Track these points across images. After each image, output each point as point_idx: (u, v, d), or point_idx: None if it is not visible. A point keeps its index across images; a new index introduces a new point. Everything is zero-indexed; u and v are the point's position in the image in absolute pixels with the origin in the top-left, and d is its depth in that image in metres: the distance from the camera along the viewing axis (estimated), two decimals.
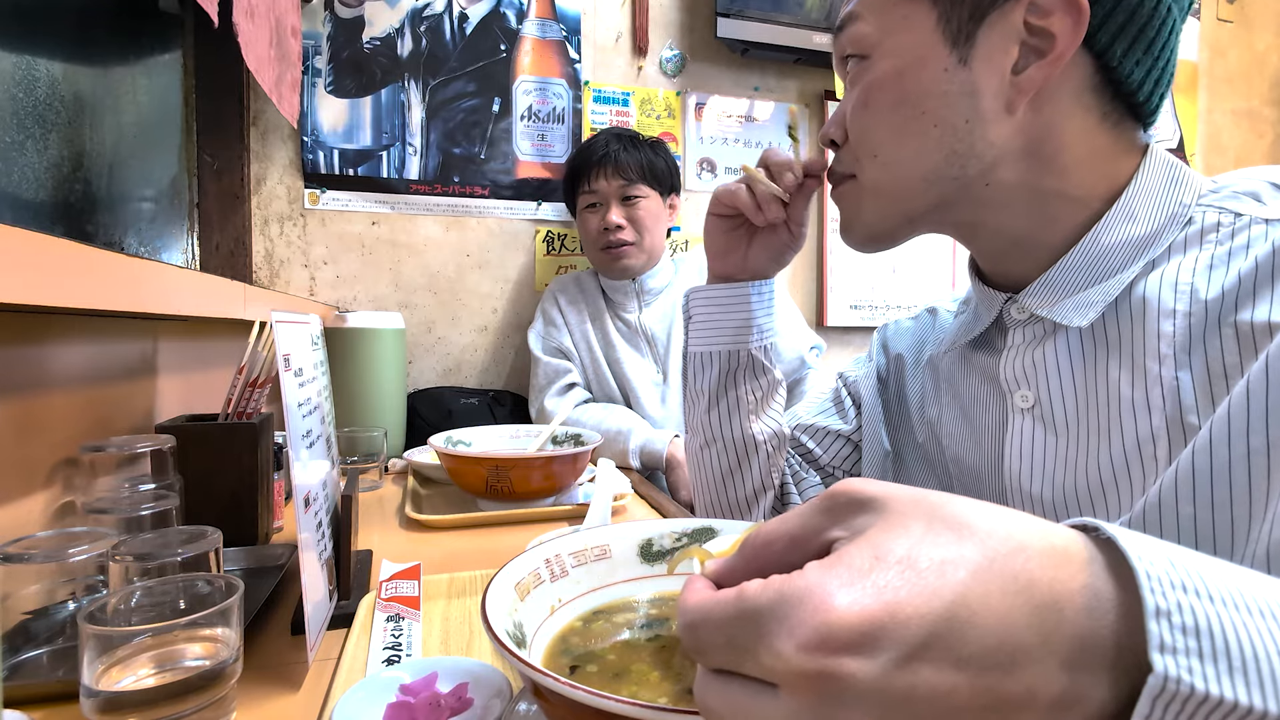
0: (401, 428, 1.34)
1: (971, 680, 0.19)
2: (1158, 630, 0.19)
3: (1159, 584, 0.19)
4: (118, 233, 1.08)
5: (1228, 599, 0.19)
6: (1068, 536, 0.21)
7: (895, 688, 0.19)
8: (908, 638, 0.19)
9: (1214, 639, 0.19)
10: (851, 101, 0.51)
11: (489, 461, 0.85)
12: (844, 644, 0.19)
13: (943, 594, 0.20)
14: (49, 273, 0.46)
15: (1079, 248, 0.47)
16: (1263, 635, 0.19)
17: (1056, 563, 0.20)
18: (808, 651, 0.20)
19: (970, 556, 0.20)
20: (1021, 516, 0.22)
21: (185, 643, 0.40)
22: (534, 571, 0.42)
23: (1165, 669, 0.18)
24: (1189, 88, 2.08)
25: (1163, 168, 0.48)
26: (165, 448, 0.65)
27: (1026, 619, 0.20)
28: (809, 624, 0.20)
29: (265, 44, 1.05)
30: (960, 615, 0.19)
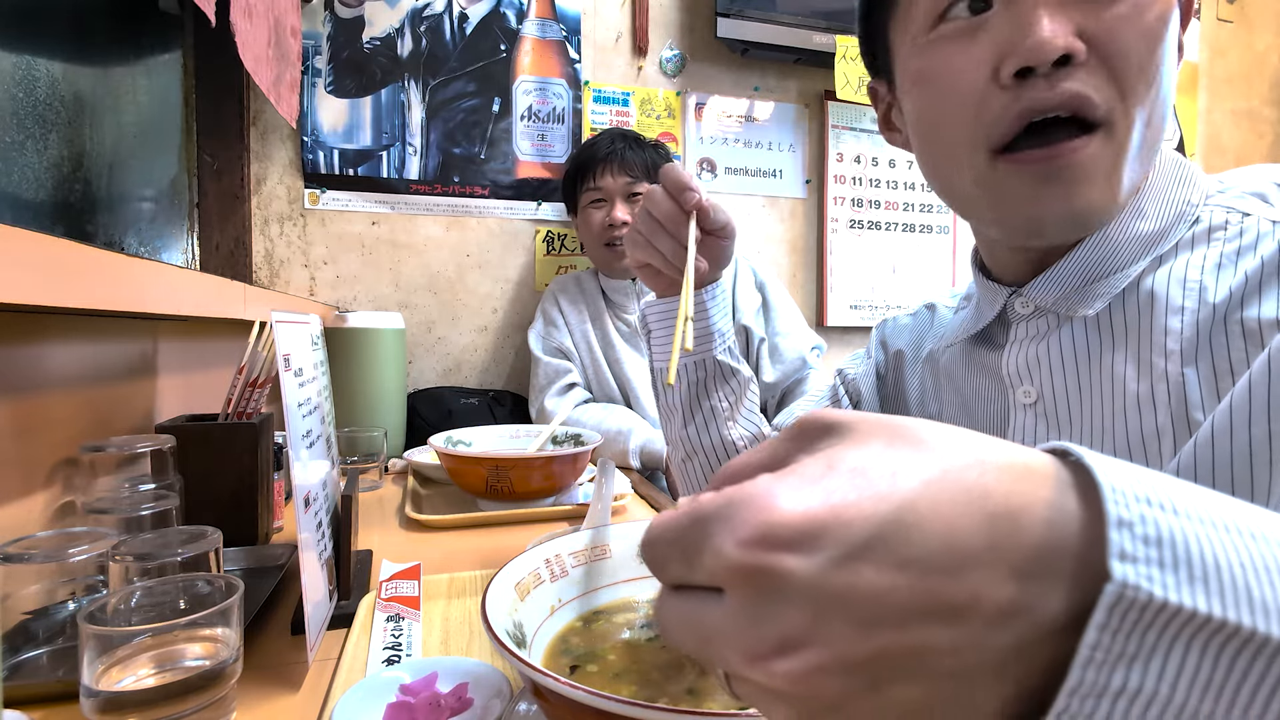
0: (401, 428, 1.34)
1: (912, 582, 0.19)
2: (1118, 539, 0.18)
3: (1123, 497, 0.19)
4: (118, 233, 1.08)
5: (1193, 514, 0.19)
6: (1036, 456, 0.21)
7: (833, 585, 0.19)
8: (849, 537, 0.19)
9: (1175, 548, 0.18)
10: (1133, 16, 0.40)
11: (489, 461, 0.85)
12: (784, 541, 0.19)
13: (891, 499, 0.19)
14: (49, 273, 0.46)
15: (1089, 243, 0.46)
16: (1226, 547, 0.18)
17: (1017, 477, 0.20)
18: (747, 548, 0.20)
19: (925, 467, 0.20)
20: (988, 439, 0.21)
21: (185, 643, 0.40)
22: (534, 571, 0.42)
23: (1124, 576, 0.18)
24: (1189, 88, 2.08)
25: (1171, 167, 0.48)
26: (165, 448, 0.65)
27: (977, 526, 0.19)
28: (751, 522, 0.20)
29: (263, 44, 1.05)
30: (907, 519, 0.19)
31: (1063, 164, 0.42)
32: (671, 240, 0.58)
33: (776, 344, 1.37)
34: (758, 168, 1.78)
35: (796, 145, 1.80)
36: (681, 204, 0.57)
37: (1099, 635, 0.18)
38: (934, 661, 0.19)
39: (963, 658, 0.19)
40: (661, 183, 0.58)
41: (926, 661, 0.19)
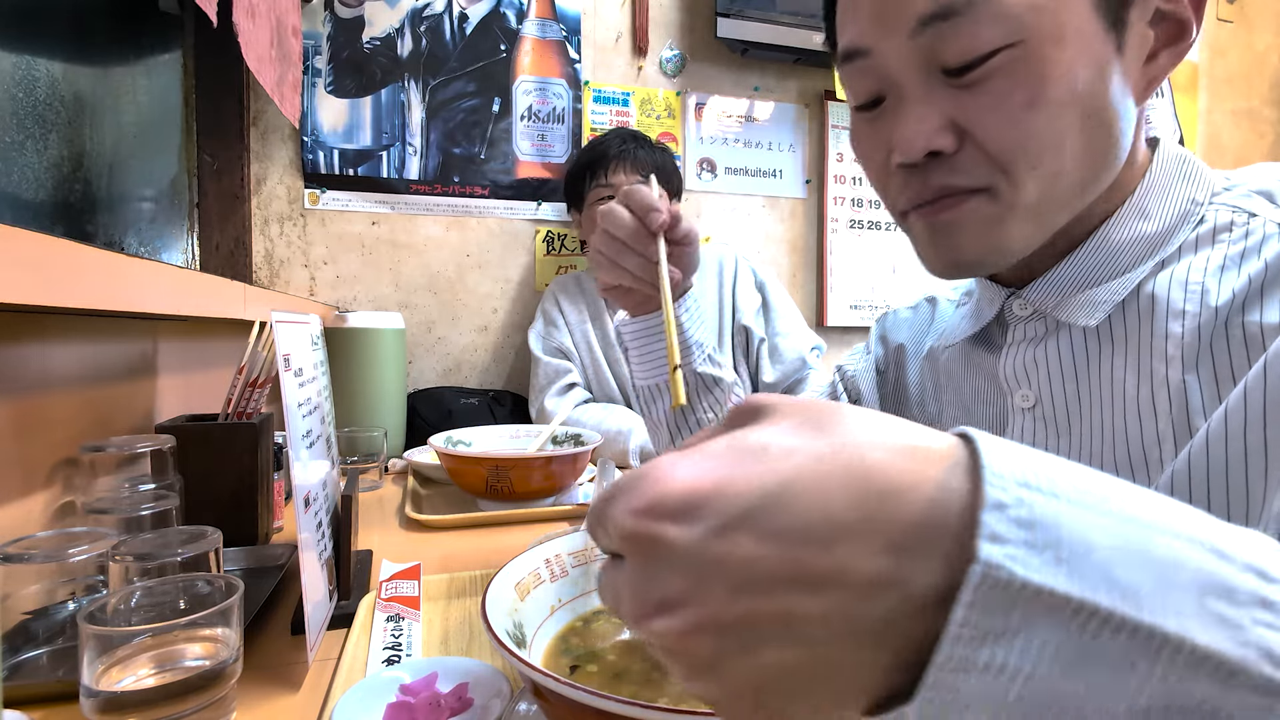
0: (401, 428, 1.34)
1: (783, 552, 0.20)
2: (990, 521, 0.19)
3: (1003, 480, 0.19)
4: (118, 233, 1.08)
5: (1076, 498, 0.19)
6: (938, 439, 0.21)
7: (709, 553, 0.20)
8: (728, 509, 0.20)
9: (1048, 531, 0.19)
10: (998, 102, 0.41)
11: (489, 461, 0.85)
12: (668, 511, 0.21)
13: (774, 474, 0.21)
14: (49, 273, 0.46)
15: (1089, 244, 0.45)
16: (1098, 530, 0.19)
17: (909, 456, 0.21)
18: (636, 516, 0.21)
19: (818, 447, 0.21)
20: (899, 422, 0.22)
21: (185, 643, 0.40)
22: (534, 571, 0.42)
23: (989, 556, 0.18)
24: (1189, 88, 2.08)
25: (1174, 163, 0.46)
26: (165, 448, 0.65)
27: (854, 502, 0.20)
28: (644, 494, 0.21)
29: (266, 44, 1.05)
30: (786, 494, 0.20)
31: (943, 220, 0.44)
32: (638, 257, 0.58)
33: (776, 344, 1.37)
34: (758, 168, 1.78)
35: (796, 145, 1.80)
36: (648, 224, 0.56)
37: (966, 613, 0.18)
38: (802, 628, 0.20)
39: (831, 626, 0.20)
40: (625, 204, 0.57)
41: (795, 628, 0.20)
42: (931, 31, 0.40)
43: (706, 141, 1.74)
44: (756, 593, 0.20)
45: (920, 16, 0.40)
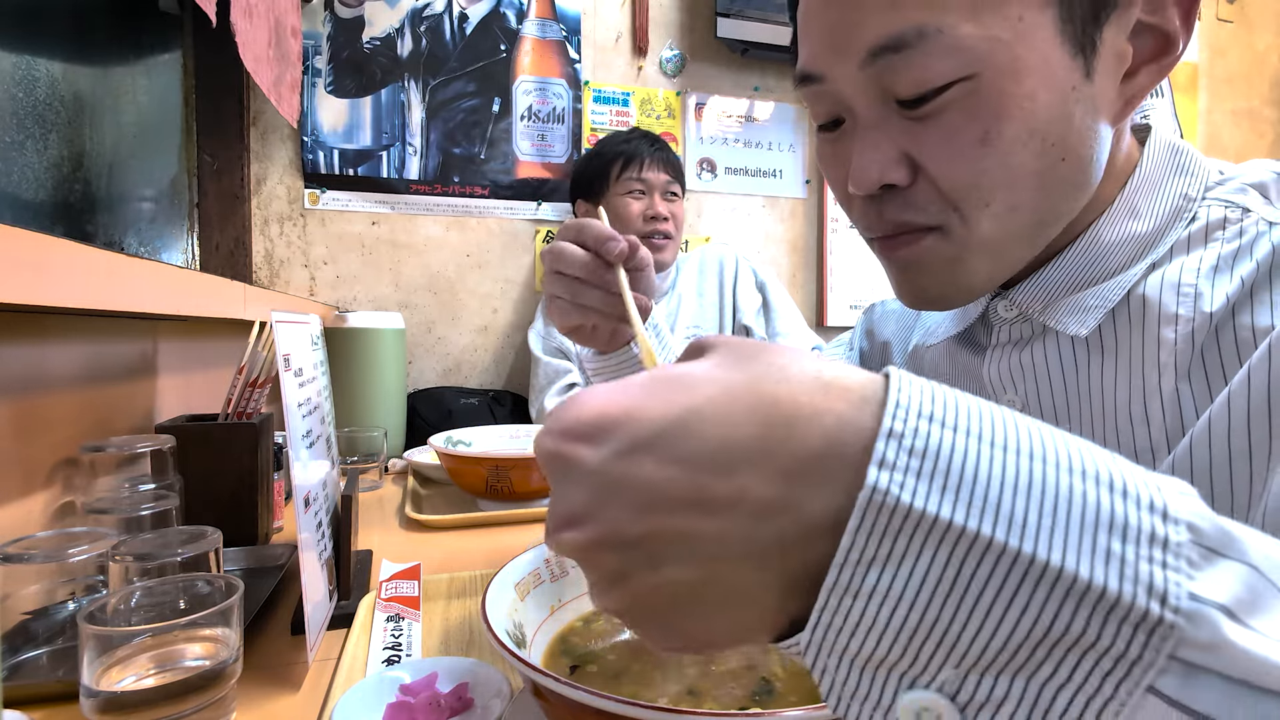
0: (401, 428, 1.34)
1: (685, 476, 0.21)
2: (883, 448, 0.19)
3: (905, 412, 0.20)
4: (118, 233, 1.08)
5: (974, 430, 0.20)
6: (855, 376, 0.22)
7: (612, 473, 0.22)
8: (635, 433, 0.22)
9: (938, 460, 0.19)
10: (949, 136, 0.38)
11: (489, 461, 0.85)
12: (578, 433, 0.23)
13: (683, 402, 0.22)
14: (49, 273, 0.46)
15: (1077, 245, 0.43)
16: (998, 465, 0.19)
17: (820, 391, 0.21)
18: (551, 436, 0.23)
19: (733, 378, 0.22)
20: (825, 361, 0.23)
21: (185, 643, 0.40)
22: (534, 571, 0.42)
23: (875, 481, 0.19)
24: (1189, 88, 2.08)
25: (1165, 153, 0.44)
26: (165, 448, 0.65)
27: (755, 431, 0.21)
28: (562, 418, 0.23)
29: (263, 44, 1.05)
30: (692, 421, 0.21)
31: (900, 256, 0.43)
32: (597, 291, 0.54)
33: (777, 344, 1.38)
34: (757, 168, 1.78)
35: (796, 145, 1.80)
36: (604, 255, 0.53)
37: (853, 537, 0.19)
38: (701, 547, 0.21)
39: (727, 546, 0.21)
40: (579, 240, 0.54)
41: (695, 546, 0.21)
42: (883, 63, 0.38)
43: (706, 141, 1.74)
44: (658, 512, 0.21)
45: (870, 47, 0.38)
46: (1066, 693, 0.18)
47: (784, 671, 0.37)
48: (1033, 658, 0.18)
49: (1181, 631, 0.17)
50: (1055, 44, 0.37)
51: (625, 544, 0.22)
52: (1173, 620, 0.17)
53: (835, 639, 0.20)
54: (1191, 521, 0.19)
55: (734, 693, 0.35)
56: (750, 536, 0.21)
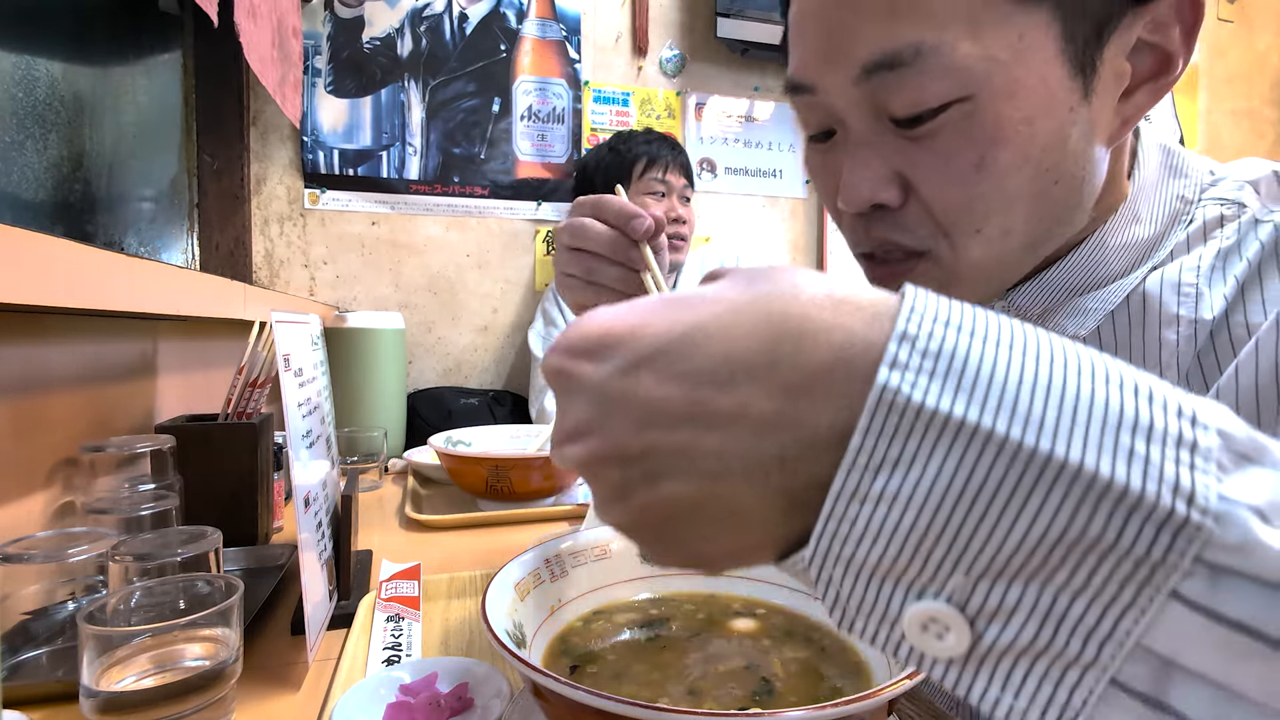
0: (401, 428, 1.34)
1: (685, 392, 0.21)
2: (895, 350, 0.19)
3: (918, 316, 0.19)
4: (118, 233, 1.08)
5: (992, 336, 0.19)
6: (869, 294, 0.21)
7: (613, 389, 0.22)
8: (637, 349, 0.22)
9: (952, 361, 0.18)
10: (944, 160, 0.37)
11: (489, 461, 0.85)
12: (582, 349, 0.23)
13: (688, 319, 0.22)
14: (49, 273, 0.46)
15: (1083, 250, 0.43)
16: (1015, 367, 0.18)
17: (832, 308, 0.21)
18: (557, 354, 0.24)
19: (742, 296, 0.22)
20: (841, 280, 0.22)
21: (185, 643, 0.40)
22: (534, 571, 0.42)
23: (886, 380, 0.18)
24: (1189, 88, 2.08)
25: (1158, 154, 0.43)
26: (165, 448, 0.65)
27: (760, 345, 0.21)
28: (568, 335, 0.23)
29: (268, 44, 1.05)
30: (695, 337, 0.21)
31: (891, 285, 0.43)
32: (617, 268, 0.52)
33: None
34: (758, 168, 1.78)
35: (796, 145, 1.80)
36: (630, 233, 0.50)
37: (862, 439, 0.19)
38: (701, 463, 0.21)
39: (727, 462, 0.21)
40: (599, 216, 0.51)
41: (694, 462, 0.21)
42: (877, 79, 0.36)
43: (706, 141, 1.74)
44: (656, 428, 0.21)
45: (864, 63, 0.36)
46: (1082, 600, 0.17)
47: (784, 671, 0.37)
48: (1048, 562, 0.17)
49: (1209, 533, 0.16)
50: (1055, 64, 0.35)
51: (625, 459, 0.22)
52: (1200, 521, 0.16)
53: (841, 548, 0.19)
54: (1222, 428, 0.18)
55: (734, 693, 0.35)
56: (750, 452, 0.20)
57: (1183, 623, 0.16)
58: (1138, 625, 0.17)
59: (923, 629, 0.19)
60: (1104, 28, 0.35)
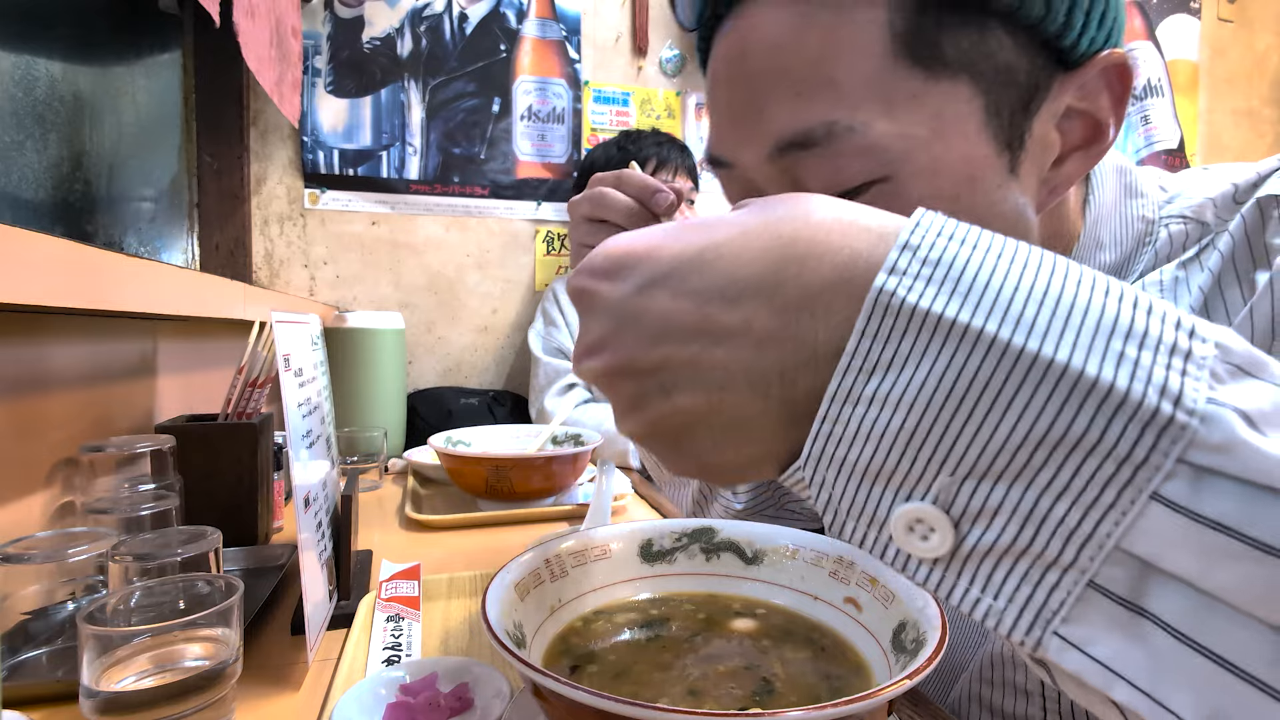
0: (401, 428, 1.34)
1: (694, 307, 0.22)
2: (895, 257, 0.20)
3: (924, 230, 0.20)
4: (118, 233, 1.08)
5: (994, 248, 0.20)
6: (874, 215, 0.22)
7: (630, 306, 0.23)
8: (653, 269, 0.23)
9: (951, 269, 0.19)
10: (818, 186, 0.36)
11: (489, 461, 0.85)
12: (601, 270, 0.24)
13: (702, 241, 0.23)
14: (49, 273, 0.46)
15: None
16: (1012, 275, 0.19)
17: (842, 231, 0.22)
18: (580, 275, 0.25)
19: (753, 220, 0.23)
20: (859, 206, 0.23)
21: (185, 643, 0.40)
22: (534, 571, 0.42)
23: (884, 284, 0.19)
24: (1189, 88, 2.08)
25: (1114, 177, 0.42)
26: (165, 448, 0.65)
27: (767, 266, 0.22)
28: (592, 257, 0.25)
29: (266, 44, 1.05)
30: (707, 257, 0.22)
31: None
32: None
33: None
34: None
35: None
36: (653, 207, 0.48)
37: (858, 342, 0.20)
38: (708, 375, 0.22)
39: (732, 375, 0.22)
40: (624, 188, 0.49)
41: (702, 375, 0.22)
42: (791, 158, 0.35)
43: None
44: (669, 342, 0.22)
45: (778, 141, 0.35)
46: (1064, 501, 0.17)
47: (784, 671, 0.37)
48: (1031, 461, 0.18)
49: (1193, 433, 0.16)
50: (980, 140, 0.34)
51: (640, 371, 0.23)
52: (1185, 421, 0.16)
53: (835, 450, 0.20)
54: (1221, 341, 0.18)
55: (734, 693, 0.35)
56: (753, 366, 0.22)
57: (1163, 524, 0.16)
58: (1118, 527, 0.17)
59: (909, 530, 0.19)
60: (1031, 99, 0.34)
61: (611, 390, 0.24)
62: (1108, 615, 0.17)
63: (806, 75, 0.34)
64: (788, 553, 0.43)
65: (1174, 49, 2.03)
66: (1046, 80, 0.34)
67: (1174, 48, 2.03)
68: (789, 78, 0.34)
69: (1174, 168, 2.02)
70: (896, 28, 0.32)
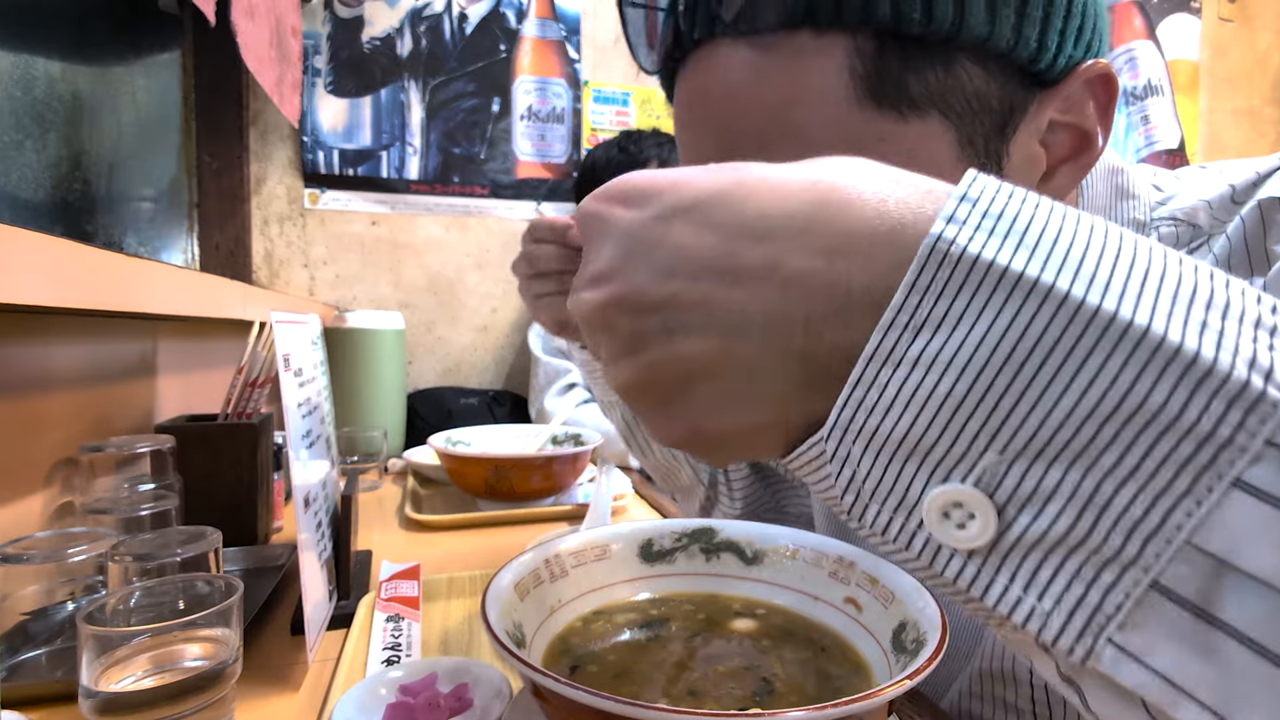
0: (401, 428, 1.34)
1: (717, 241, 0.20)
2: (954, 207, 0.17)
3: (983, 184, 0.18)
4: (117, 233, 1.08)
5: (1057, 210, 0.18)
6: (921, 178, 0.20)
7: (645, 233, 0.21)
8: (677, 199, 0.21)
9: (1016, 223, 0.17)
10: None
11: (489, 461, 0.85)
12: (620, 196, 0.22)
13: (733, 177, 0.21)
14: (49, 273, 0.46)
15: None
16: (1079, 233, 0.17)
17: (883, 178, 0.20)
18: (594, 198, 0.23)
19: (791, 169, 0.21)
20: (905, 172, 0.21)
21: (184, 643, 0.40)
22: (534, 571, 0.42)
23: (941, 232, 0.17)
24: (1189, 88, 2.07)
25: (1105, 179, 0.41)
26: (165, 448, 0.65)
27: (803, 205, 0.19)
28: (609, 184, 0.22)
29: (265, 44, 1.05)
30: (737, 193, 0.20)
31: None
32: None
33: None
34: None
35: None
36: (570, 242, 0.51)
37: (906, 295, 0.17)
38: (721, 317, 0.19)
39: (749, 317, 0.19)
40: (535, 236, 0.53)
41: (715, 316, 0.19)
42: None
43: None
44: (681, 276, 0.20)
45: None
46: (1130, 487, 0.15)
47: (784, 671, 0.37)
48: (1096, 439, 0.15)
49: None
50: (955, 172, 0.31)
51: (643, 307, 0.20)
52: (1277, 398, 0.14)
53: (866, 419, 0.18)
54: None
55: (734, 693, 0.35)
56: (775, 310, 0.19)
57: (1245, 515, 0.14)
58: (1190, 518, 0.14)
59: (943, 516, 0.17)
60: (1007, 122, 0.33)
61: (607, 329, 0.21)
62: (1172, 621, 0.15)
63: (769, 125, 0.33)
64: (788, 553, 0.43)
65: (1174, 49, 2.03)
66: (1023, 101, 0.33)
67: (1174, 47, 2.03)
68: (751, 123, 0.33)
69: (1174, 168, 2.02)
70: (857, 71, 0.31)
